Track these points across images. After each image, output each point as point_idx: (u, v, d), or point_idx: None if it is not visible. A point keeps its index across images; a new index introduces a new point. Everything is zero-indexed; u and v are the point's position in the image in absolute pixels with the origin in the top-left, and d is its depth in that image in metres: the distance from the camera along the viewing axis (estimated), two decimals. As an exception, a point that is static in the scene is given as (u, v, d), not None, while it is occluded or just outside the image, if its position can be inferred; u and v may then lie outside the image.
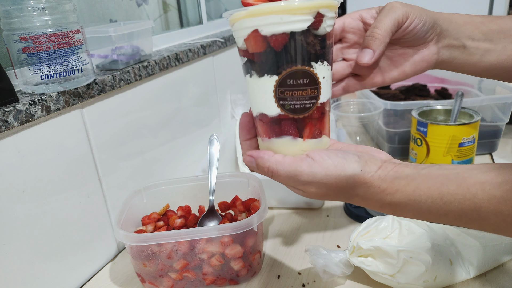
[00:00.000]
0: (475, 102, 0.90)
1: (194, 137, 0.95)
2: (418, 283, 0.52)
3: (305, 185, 0.39)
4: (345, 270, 0.55)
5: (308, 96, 0.39)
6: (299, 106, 0.39)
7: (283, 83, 0.39)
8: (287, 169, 0.39)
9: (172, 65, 0.83)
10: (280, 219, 0.76)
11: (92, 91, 0.62)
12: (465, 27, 0.47)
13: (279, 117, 0.40)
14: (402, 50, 0.48)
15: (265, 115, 0.41)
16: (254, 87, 0.41)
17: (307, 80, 0.39)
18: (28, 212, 0.54)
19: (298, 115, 0.40)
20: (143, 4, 0.99)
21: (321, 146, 0.42)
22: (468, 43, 0.47)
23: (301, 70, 0.38)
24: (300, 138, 0.41)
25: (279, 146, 0.41)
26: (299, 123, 0.40)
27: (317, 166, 0.38)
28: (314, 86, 0.39)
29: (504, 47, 0.47)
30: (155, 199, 0.70)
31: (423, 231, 0.54)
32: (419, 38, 0.46)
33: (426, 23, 0.45)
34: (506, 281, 0.55)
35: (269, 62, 0.38)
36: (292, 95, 0.39)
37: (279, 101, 0.39)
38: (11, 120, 0.50)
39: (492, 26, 0.47)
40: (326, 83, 0.40)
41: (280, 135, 0.41)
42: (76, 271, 0.62)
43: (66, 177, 0.59)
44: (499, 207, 0.32)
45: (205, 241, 0.56)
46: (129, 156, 0.73)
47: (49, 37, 0.54)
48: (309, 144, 0.41)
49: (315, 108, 0.40)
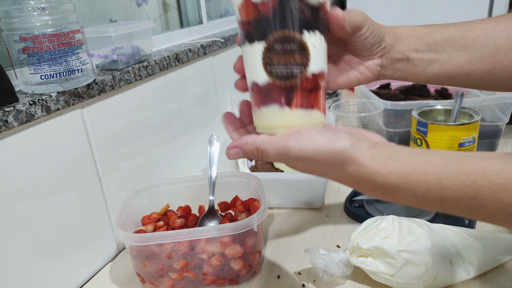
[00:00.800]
0: (475, 102, 0.90)
1: (194, 137, 0.95)
2: (418, 283, 0.52)
3: (294, 161, 0.39)
4: (345, 270, 0.55)
5: (296, 63, 0.39)
6: (286, 72, 0.39)
7: (271, 48, 0.39)
8: (275, 146, 0.39)
9: (172, 65, 0.83)
10: (280, 219, 0.76)
11: (92, 91, 0.62)
12: (408, 40, 0.47)
13: (268, 85, 0.40)
14: (348, 57, 0.48)
15: (256, 83, 0.41)
16: (246, 56, 0.41)
17: (295, 46, 0.39)
18: (28, 212, 0.54)
19: (285, 81, 0.40)
20: (143, 4, 0.99)
21: (311, 119, 0.41)
22: (412, 55, 0.47)
23: (288, 35, 0.38)
24: (288, 107, 0.40)
25: (266, 115, 0.41)
26: (288, 92, 0.40)
27: (305, 141, 0.38)
28: (302, 53, 0.39)
29: (449, 56, 0.47)
30: (155, 199, 0.70)
31: (423, 231, 0.54)
32: (366, 49, 0.46)
33: (376, 36, 0.45)
34: (506, 281, 0.55)
35: (259, 28, 0.39)
36: (279, 60, 0.39)
37: (267, 67, 0.39)
38: (11, 120, 0.50)
39: (437, 36, 0.47)
40: (317, 53, 0.40)
41: (268, 104, 0.41)
42: (76, 271, 0.62)
43: (66, 177, 0.59)
44: (500, 195, 0.31)
45: (205, 241, 0.56)
46: (129, 156, 0.73)
47: (49, 37, 0.54)
48: (297, 115, 0.40)
49: (304, 77, 0.40)
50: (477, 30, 0.47)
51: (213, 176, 0.67)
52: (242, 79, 0.45)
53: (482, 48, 0.46)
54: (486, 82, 0.48)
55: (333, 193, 0.84)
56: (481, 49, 0.46)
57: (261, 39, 0.39)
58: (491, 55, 0.46)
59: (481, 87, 0.50)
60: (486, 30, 0.46)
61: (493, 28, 0.46)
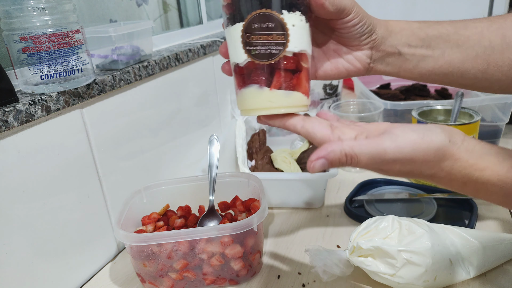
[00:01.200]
0: (475, 102, 0.90)
1: (194, 137, 0.95)
2: (418, 283, 0.52)
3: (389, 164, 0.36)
4: (345, 270, 0.55)
5: (274, 42, 0.39)
6: (265, 51, 0.39)
7: (249, 27, 0.39)
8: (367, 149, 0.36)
9: (172, 65, 0.83)
10: (280, 219, 0.76)
11: (92, 91, 0.62)
12: (401, 34, 0.46)
13: (248, 65, 0.40)
14: (337, 46, 0.47)
15: (237, 65, 0.41)
16: (228, 37, 0.41)
17: (273, 24, 0.39)
18: (28, 212, 0.54)
19: (264, 61, 0.39)
20: (143, 4, 0.99)
21: (291, 100, 0.41)
22: (404, 49, 0.47)
23: (266, 13, 0.38)
24: (267, 87, 0.40)
25: (246, 95, 0.41)
26: (267, 72, 0.40)
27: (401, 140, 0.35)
28: (280, 32, 0.39)
29: (442, 52, 0.46)
30: (155, 199, 0.70)
31: (423, 231, 0.54)
32: (354, 38, 0.45)
33: (365, 25, 0.44)
34: (506, 281, 0.55)
35: (239, 9, 0.39)
36: (258, 39, 0.39)
37: (246, 47, 0.40)
38: (11, 120, 0.50)
39: (430, 31, 0.46)
40: (296, 33, 0.40)
41: (248, 84, 0.41)
42: (76, 271, 0.62)
43: (66, 177, 0.59)
44: None
45: (205, 241, 0.56)
46: (129, 156, 0.73)
47: (49, 37, 0.54)
48: (276, 95, 0.40)
49: (284, 57, 0.39)
50: (471, 28, 0.46)
51: (213, 176, 0.67)
52: (228, 63, 0.45)
53: (476, 46, 0.46)
54: (480, 82, 0.47)
55: (333, 193, 0.84)
56: (475, 47, 0.46)
57: (241, 19, 0.39)
58: (485, 54, 0.46)
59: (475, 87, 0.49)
60: (481, 28, 0.46)
61: (488, 26, 0.46)
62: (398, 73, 0.49)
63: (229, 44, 0.42)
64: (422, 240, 0.53)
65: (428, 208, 0.73)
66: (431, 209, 0.72)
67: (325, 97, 1.27)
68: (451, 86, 0.50)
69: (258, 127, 1.07)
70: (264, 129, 1.06)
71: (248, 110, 0.42)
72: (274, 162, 0.90)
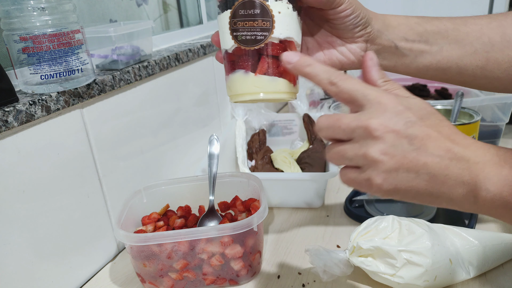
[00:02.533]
0: (475, 102, 0.90)
1: (194, 137, 0.95)
2: (418, 283, 0.52)
3: None
4: (345, 270, 0.55)
5: (260, 27, 0.40)
6: (250, 37, 0.40)
7: (236, 13, 0.40)
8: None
9: (172, 65, 0.83)
10: (280, 219, 0.76)
11: (92, 91, 0.62)
12: (398, 28, 0.46)
13: (235, 51, 0.41)
14: (331, 38, 0.47)
15: (226, 51, 0.42)
16: (219, 25, 0.43)
17: (258, 10, 0.39)
18: (28, 212, 0.54)
19: (249, 46, 0.40)
20: (143, 4, 0.99)
21: (277, 87, 0.41)
22: (401, 44, 0.46)
23: (251, 0, 0.39)
24: (252, 72, 0.41)
25: (233, 81, 0.42)
26: (253, 58, 0.41)
27: None
28: (266, 18, 0.40)
29: (440, 48, 0.46)
30: (155, 199, 0.70)
31: (423, 231, 0.54)
32: (348, 30, 0.45)
33: (358, 17, 0.43)
34: (506, 281, 0.55)
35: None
36: (244, 25, 0.40)
37: (233, 33, 0.41)
38: (11, 120, 0.50)
39: (429, 27, 0.46)
40: (282, 19, 0.40)
41: (235, 70, 0.42)
42: (76, 271, 0.62)
43: (66, 177, 0.59)
44: None
45: (205, 241, 0.56)
46: (129, 156, 0.73)
47: (49, 37, 0.54)
48: (262, 80, 0.41)
49: (269, 42, 0.40)
50: (471, 25, 0.46)
51: (213, 176, 0.67)
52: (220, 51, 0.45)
53: (475, 43, 0.45)
54: (479, 79, 0.47)
55: (333, 193, 0.84)
56: (474, 43, 0.45)
57: (230, 7, 0.40)
58: (484, 50, 0.45)
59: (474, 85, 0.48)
60: (481, 25, 0.45)
61: (488, 23, 0.45)
62: (394, 68, 0.48)
63: (220, 32, 0.43)
64: (422, 240, 0.53)
65: (428, 208, 0.73)
66: (431, 209, 0.72)
67: (325, 97, 1.27)
68: (449, 83, 0.49)
69: (258, 127, 1.07)
70: (264, 129, 1.06)
71: (235, 96, 0.43)
72: (274, 162, 0.90)
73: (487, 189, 0.32)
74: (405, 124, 0.33)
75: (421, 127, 0.33)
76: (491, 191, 0.32)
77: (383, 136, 0.33)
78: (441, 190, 0.33)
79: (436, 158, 0.33)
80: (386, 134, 0.33)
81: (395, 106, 0.34)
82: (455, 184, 0.33)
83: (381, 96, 0.34)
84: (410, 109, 0.34)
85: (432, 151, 0.33)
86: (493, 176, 0.32)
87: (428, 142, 0.33)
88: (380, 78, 0.38)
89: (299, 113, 1.10)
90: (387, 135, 0.33)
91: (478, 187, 0.32)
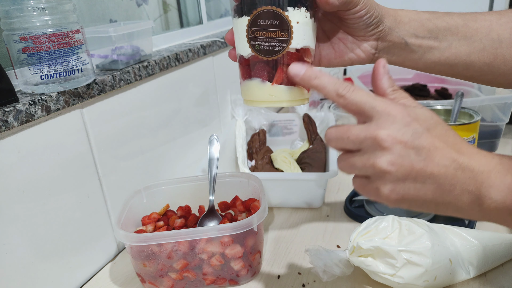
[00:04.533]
0: (475, 102, 0.90)
1: (194, 137, 0.95)
2: (418, 283, 0.52)
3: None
4: (345, 270, 0.55)
5: (278, 39, 0.40)
6: (268, 47, 0.40)
7: (254, 23, 0.40)
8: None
9: (172, 65, 0.83)
10: (280, 219, 0.76)
11: (92, 91, 0.62)
12: (409, 24, 0.46)
13: (252, 59, 0.41)
14: (342, 35, 0.47)
15: (242, 56, 0.43)
16: (235, 29, 0.43)
17: (277, 21, 0.39)
18: (28, 212, 0.54)
19: (267, 57, 0.41)
20: (143, 4, 0.99)
21: (291, 94, 0.42)
22: (410, 40, 0.46)
23: (271, 10, 0.39)
24: (269, 82, 0.41)
25: (248, 88, 0.43)
26: (270, 67, 0.41)
27: None
28: (284, 29, 0.40)
29: (449, 44, 0.46)
30: (155, 199, 0.70)
31: (423, 231, 0.54)
32: (361, 29, 0.45)
33: (372, 16, 0.44)
34: (506, 281, 0.55)
35: (247, 2, 0.40)
36: (262, 35, 0.40)
37: (251, 41, 0.41)
38: (11, 120, 0.50)
39: (439, 23, 0.46)
40: (300, 29, 0.40)
41: (251, 77, 0.42)
42: (76, 271, 0.62)
43: (66, 177, 0.59)
44: None
45: (205, 241, 0.56)
46: (129, 156, 0.73)
47: (49, 37, 0.54)
48: (278, 90, 0.41)
49: (287, 53, 0.40)
50: (481, 21, 0.46)
51: (213, 176, 0.67)
52: (234, 49, 0.45)
53: (484, 39, 0.46)
54: (485, 75, 0.47)
55: (333, 193, 0.84)
56: (483, 40, 0.46)
57: (247, 13, 0.40)
58: (492, 47, 0.45)
59: (480, 80, 0.48)
60: (490, 21, 0.46)
61: (497, 20, 0.46)
62: (403, 63, 0.49)
63: (235, 35, 0.43)
64: (422, 240, 0.53)
65: (428, 208, 0.73)
66: (431, 209, 0.72)
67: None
68: (455, 78, 0.49)
69: (258, 127, 1.07)
70: (264, 129, 1.06)
71: (250, 101, 0.44)
72: (274, 162, 0.90)
73: (491, 197, 0.32)
74: (412, 135, 0.34)
75: (427, 138, 0.34)
76: (495, 199, 0.32)
77: (391, 147, 0.34)
78: (447, 199, 0.34)
79: (442, 168, 0.33)
80: (394, 145, 0.34)
81: (403, 117, 0.34)
82: (461, 193, 0.33)
83: (389, 107, 0.35)
84: (417, 120, 0.34)
85: (439, 161, 0.33)
86: (497, 184, 0.32)
87: (434, 153, 0.34)
88: (390, 86, 0.38)
89: (299, 113, 1.10)
90: (395, 146, 0.34)
91: (483, 195, 0.32)
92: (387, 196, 0.35)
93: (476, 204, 0.33)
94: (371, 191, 0.36)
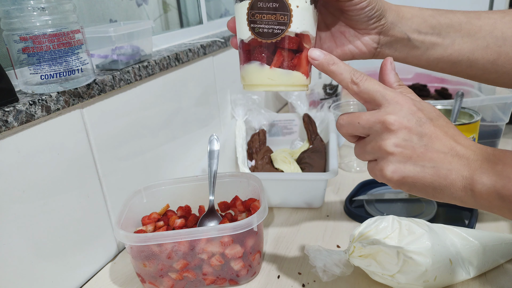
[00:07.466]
0: (475, 102, 0.90)
1: (194, 137, 0.95)
2: (418, 283, 0.52)
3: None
4: (345, 270, 0.55)
5: (277, 22, 0.40)
6: (267, 30, 0.41)
7: (254, 5, 0.40)
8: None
9: (172, 65, 0.83)
10: (280, 219, 0.76)
11: (92, 91, 0.62)
12: (412, 20, 0.47)
13: (251, 42, 0.42)
14: (344, 28, 0.47)
15: (242, 41, 0.43)
16: (236, 14, 0.43)
17: (277, 4, 0.40)
18: (28, 212, 0.54)
19: (266, 39, 0.41)
20: (143, 4, 0.99)
21: (290, 79, 0.42)
22: (413, 36, 0.47)
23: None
24: (268, 65, 0.42)
25: (248, 72, 0.43)
26: (269, 51, 0.41)
27: None
28: (284, 12, 0.40)
29: (452, 41, 0.47)
30: (155, 199, 0.70)
31: (423, 231, 0.54)
32: (362, 22, 0.45)
33: (373, 9, 0.44)
34: (506, 281, 0.55)
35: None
36: (261, 18, 0.40)
37: (250, 24, 0.41)
38: (11, 120, 0.50)
39: (442, 19, 0.46)
40: (300, 14, 0.41)
41: (250, 61, 0.42)
42: (76, 271, 0.62)
43: (66, 177, 0.59)
44: None
45: (205, 241, 0.56)
46: (129, 156, 0.73)
47: (49, 37, 0.54)
48: (276, 73, 0.42)
49: (286, 36, 0.41)
50: (484, 18, 0.46)
51: (213, 176, 0.67)
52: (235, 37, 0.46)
53: (487, 37, 0.46)
54: (489, 73, 0.47)
55: (333, 193, 0.84)
56: (487, 37, 0.46)
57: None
58: (496, 45, 0.46)
59: (483, 78, 0.49)
60: (494, 19, 0.46)
61: (501, 18, 0.46)
62: (405, 59, 0.49)
63: (237, 21, 0.43)
64: (422, 240, 0.53)
65: (428, 208, 0.73)
66: (431, 209, 0.72)
67: (325, 97, 1.27)
68: (458, 76, 0.50)
69: (258, 127, 1.07)
70: (264, 129, 1.06)
71: (249, 86, 0.44)
72: (274, 162, 0.90)
73: (482, 181, 0.35)
74: (416, 122, 0.37)
75: (430, 127, 0.37)
76: (485, 183, 0.34)
77: (397, 131, 0.37)
78: (444, 183, 0.36)
79: (441, 154, 0.36)
80: (400, 129, 0.37)
81: (409, 106, 0.37)
82: (456, 178, 0.36)
83: (398, 97, 0.38)
84: (422, 111, 0.38)
85: (438, 148, 0.37)
86: (488, 171, 0.35)
87: (435, 140, 0.37)
88: (396, 81, 0.41)
89: (299, 113, 1.10)
90: (401, 131, 0.37)
91: (475, 180, 0.35)
92: (390, 176, 0.38)
93: (469, 189, 0.35)
94: (377, 172, 0.39)
